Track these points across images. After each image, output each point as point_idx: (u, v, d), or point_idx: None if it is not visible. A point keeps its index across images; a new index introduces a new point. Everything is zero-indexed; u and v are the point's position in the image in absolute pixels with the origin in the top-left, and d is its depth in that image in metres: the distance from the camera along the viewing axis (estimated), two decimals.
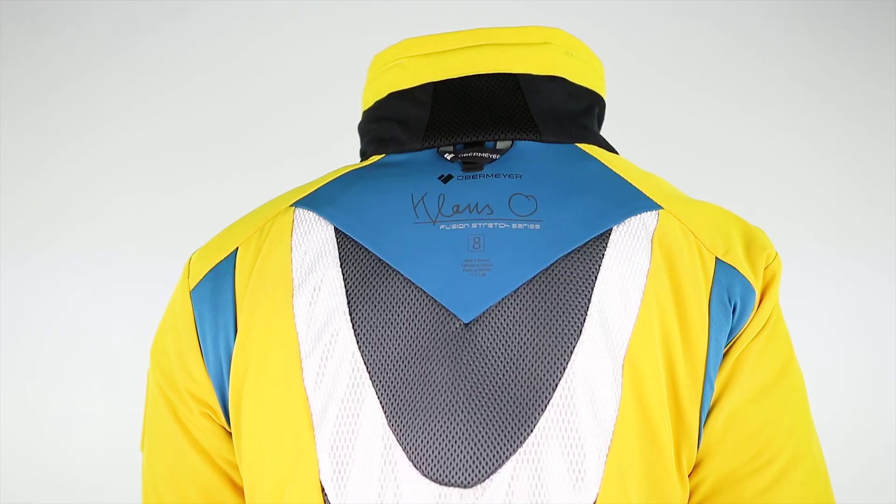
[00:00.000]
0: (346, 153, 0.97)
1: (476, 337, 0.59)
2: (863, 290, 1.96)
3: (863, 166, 1.97)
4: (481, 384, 0.58)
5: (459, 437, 0.58)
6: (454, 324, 0.60)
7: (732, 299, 0.61)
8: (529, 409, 0.58)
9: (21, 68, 1.99)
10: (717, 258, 0.62)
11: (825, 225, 1.96)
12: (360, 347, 0.60)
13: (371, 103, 0.71)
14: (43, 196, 2.00)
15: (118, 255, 1.99)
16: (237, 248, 0.66)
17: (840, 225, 1.96)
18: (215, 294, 0.65)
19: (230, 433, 0.66)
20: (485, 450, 0.57)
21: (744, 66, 1.97)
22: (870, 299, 1.95)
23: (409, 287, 0.61)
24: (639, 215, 0.63)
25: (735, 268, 0.62)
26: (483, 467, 0.57)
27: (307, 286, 0.62)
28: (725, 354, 0.62)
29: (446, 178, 0.64)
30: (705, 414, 0.60)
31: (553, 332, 0.59)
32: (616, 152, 0.70)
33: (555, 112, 0.67)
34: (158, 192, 1.99)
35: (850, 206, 1.97)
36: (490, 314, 0.59)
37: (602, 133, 0.73)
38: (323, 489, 0.59)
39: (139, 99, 2.00)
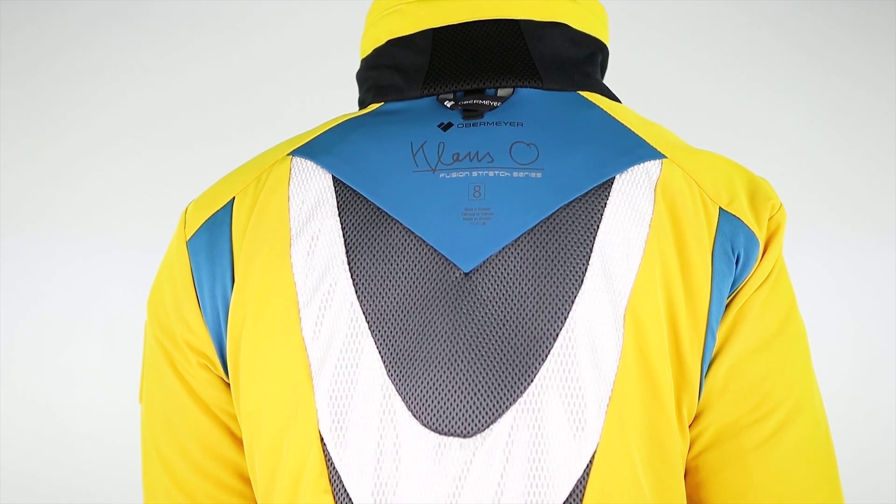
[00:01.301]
0: (345, 105, 0.95)
1: (476, 286, 0.59)
2: (866, 266, 1.96)
3: (867, 137, 1.95)
4: (481, 334, 0.58)
5: (459, 387, 0.57)
6: (454, 273, 0.59)
7: (736, 250, 0.61)
8: (530, 358, 0.57)
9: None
10: (720, 208, 0.61)
11: (828, 196, 1.95)
12: (358, 297, 0.59)
13: (369, 51, 0.70)
14: (43, 150, 1.99)
15: (114, 214, 1.98)
16: (234, 198, 0.65)
17: (844, 195, 1.95)
18: (212, 244, 0.64)
19: (228, 384, 0.65)
20: (485, 399, 0.57)
21: (749, 38, 1.95)
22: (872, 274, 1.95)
23: (409, 236, 0.60)
24: (642, 164, 0.62)
25: (739, 218, 0.61)
26: (483, 417, 0.57)
27: (305, 235, 0.61)
28: (728, 305, 0.61)
29: (446, 126, 0.63)
30: (707, 365, 0.60)
31: (554, 282, 0.58)
32: (619, 101, 0.68)
33: (557, 59, 0.66)
34: (157, 148, 1.97)
35: (855, 177, 1.96)
36: (490, 263, 0.59)
37: (605, 83, 0.72)
38: (322, 439, 0.59)
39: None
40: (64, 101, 2.00)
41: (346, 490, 0.58)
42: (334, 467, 0.58)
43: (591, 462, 0.57)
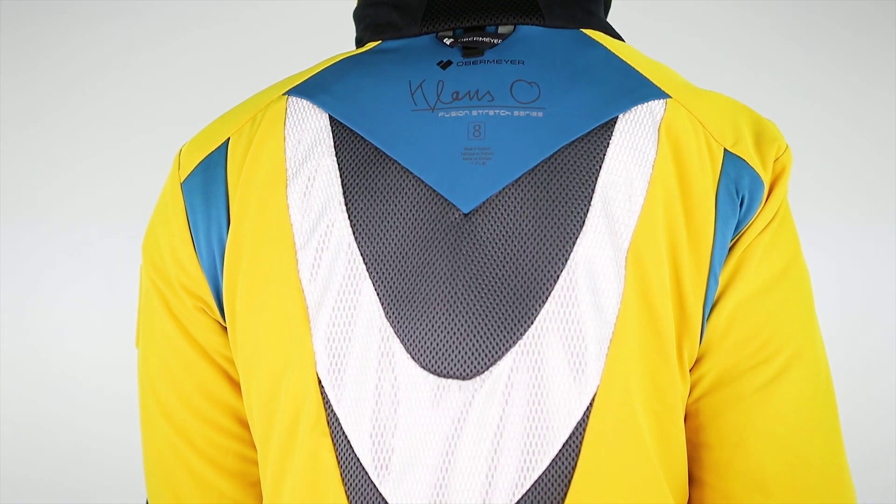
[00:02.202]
0: (342, 45, 0.93)
1: (476, 227, 0.58)
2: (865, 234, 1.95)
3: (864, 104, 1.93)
4: (481, 275, 0.57)
5: (458, 329, 0.56)
6: (453, 214, 0.58)
7: (740, 192, 0.59)
8: (530, 300, 0.56)
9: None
10: (725, 149, 0.60)
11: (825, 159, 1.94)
12: (356, 238, 0.58)
13: None
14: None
15: (109, 162, 1.97)
16: (228, 139, 0.64)
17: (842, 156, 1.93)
18: (207, 186, 0.63)
19: (225, 328, 0.64)
20: (484, 341, 0.56)
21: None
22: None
23: (407, 176, 0.59)
24: (646, 104, 0.60)
25: (744, 159, 0.60)
26: (482, 359, 0.56)
27: (301, 176, 0.60)
28: (731, 248, 0.60)
29: (445, 64, 0.61)
30: (708, 308, 0.59)
31: (555, 223, 0.57)
32: (622, 39, 0.67)
33: None
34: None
35: (852, 135, 1.94)
36: (490, 204, 0.58)
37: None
38: (320, 382, 0.58)
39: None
40: (60, 87, 1.97)
41: (344, 432, 0.58)
42: (332, 410, 0.58)
43: (590, 405, 0.56)
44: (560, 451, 0.56)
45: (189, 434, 0.67)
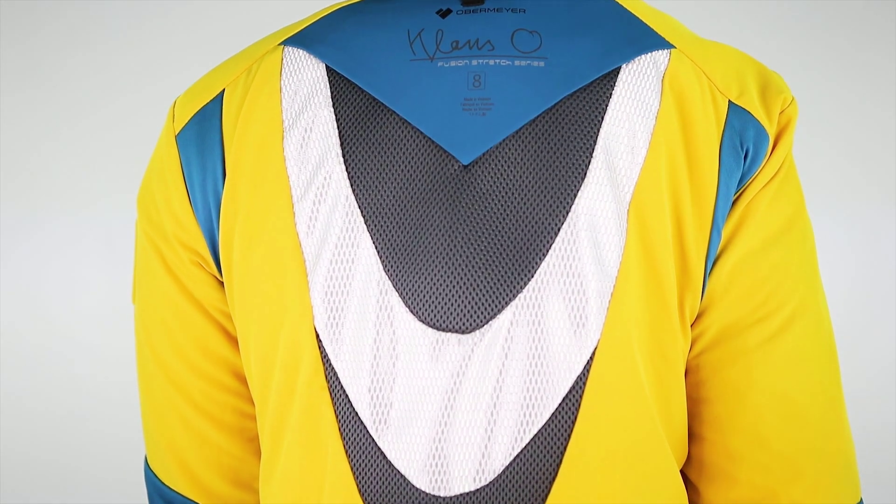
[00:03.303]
0: None
1: (475, 179, 0.57)
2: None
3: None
4: (481, 228, 0.56)
5: (457, 282, 0.56)
6: (453, 166, 0.57)
7: (745, 144, 0.58)
8: (530, 253, 0.56)
9: None
10: (730, 101, 0.59)
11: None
12: (354, 190, 0.57)
13: None
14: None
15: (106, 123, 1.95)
16: (223, 90, 0.62)
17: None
18: (202, 138, 0.62)
19: (222, 282, 0.64)
20: (484, 295, 0.56)
21: None
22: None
23: (405, 127, 0.57)
24: (649, 54, 0.59)
25: (749, 111, 0.59)
26: (482, 313, 0.56)
27: (298, 127, 0.59)
28: (735, 202, 0.59)
29: (444, 13, 0.60)
30: (711, 262, 0.58)
31: (556, 175, 0.56)
32: None
33: None
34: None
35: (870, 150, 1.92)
36: (490, 155, 0.57)
37: None
38: (317, 336, 0.57)
39: None
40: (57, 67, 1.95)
41: (342, 387, 0.57)
42: (330, 364, 0.57)
43: (591, 359, 0.56)
44: (560, 404, 0.56)
45: (187, 389, 0.67)
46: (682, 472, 0.63)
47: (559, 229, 0.56)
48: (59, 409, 1.98)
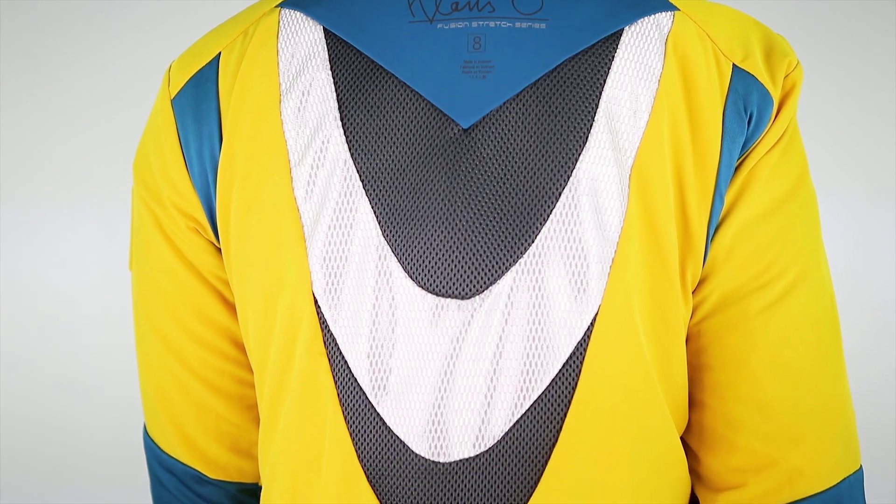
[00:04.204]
0: None
1: (475, 143, 0.56)
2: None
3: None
4: (481, 192, 0.55)
5: (457, 247, 0.55)
6: (452, 129, 0.56)
7: (748, 108, 0.58)
8: (531, 218, 0.55)
9: None
10: (734, 64, 0.58)
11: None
12: (352, 155, 0.57)
13: None
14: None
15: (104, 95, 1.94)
16: (219, 54, 0.61)
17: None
18: (198, 102, 0.61)
19: (219, 249, 0.63)
20: (484, 260, 0.55)
21: None
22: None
23: (404, 91, 0.57)
24: (653, 16, 0.58)
25: (753, 75, 0.58)
26: (482, 278, 0.55)
27: (295, 91, 0.58)
28: (738, 167, 0.58)
29: None
30: (713, 228, 0.58)
31: (557, 139, 0.55)
32: None
33: None
34: None
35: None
36: (491, 119, 0.56)
37: None
38: (316, 301, 0.57)
39: None
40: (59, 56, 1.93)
41: (341, 353, 0.57)
42: (329, 330, 0.57)
43: (591, 325, 0.56)
44: (560, 370, 0.55)
45: (185, 357, 0.66)
46: (682, 439, 0.63)
47: (560, 194, 0.55)
48: (61, 380, 1.98)
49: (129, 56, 1.93)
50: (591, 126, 0.55)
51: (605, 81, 0.56)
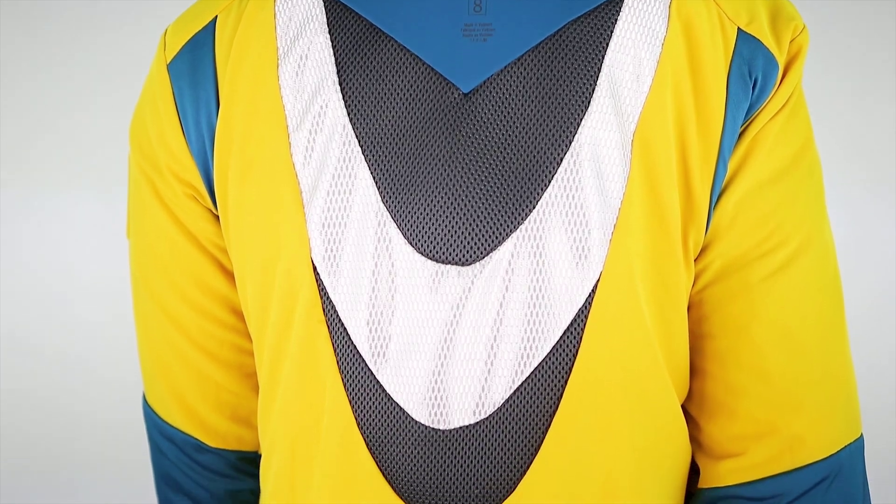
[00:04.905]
0: None
1: (476, 108, 0.55)
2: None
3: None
4: (481, 158, 0.55)
5: (457, 213, 0.55)
6: (453, 94, 0.55)
7: (753, 73, 0.57)
8: (532, 183, 0.54)
9: None
10: (739, 29, 0.57)
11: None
12: (351, 120, 0.56)
13: None
14: None
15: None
16: (216, 17, 0.61)
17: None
18: (194, 67, 0.60)
19: (217, 216, 0.63)
20: (484, 226, 0.54)
21: None
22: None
23: (404, 54, 0.56)
24: None
25: (758, 39, 0.57)
26: (482, 244, 0.55)
27: (293, 55, 0.57)
28: (742, 134, 0.58)
29: None
30: (716, 195, 0.57)
31: (559, 103, 0.54)
32: None
33: None
34: None
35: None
36: (491, 83, 0.55)
37: None
38: (315, 268, 0.56)
39: None
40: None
41: (340, 320, 0.57)
42: (328, 297, 0.57)
43: (593, 291, 0.55)
44: (561, 337, 0.55)
45: (183, 325, 0.66)
46: (682, 407, 0.62)
47: (562, 159, 0.54)
48: (61, 356, 1.98)
49: (130, 34, 1.91)
50: (593, 90, 0.55)
51: (607, 45, 0.55)
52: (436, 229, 0.55)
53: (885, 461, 1.85)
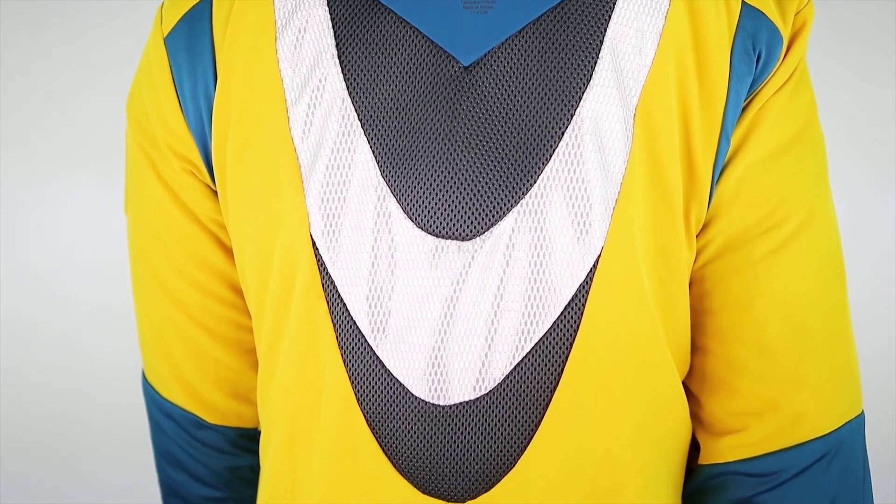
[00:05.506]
0: None
1: (477, 81, 0.54)
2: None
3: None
4: (482, 132, 0.54)
5: (457, 188, 0.54)
6: (453, 67, 0.55)
7: (757, 47, 0.56)
8: (533, 157, 0.54)
9: None
10: (743, 1, 0.56)
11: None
12: (350, 93, 0.55)
13: None
14: None
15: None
16: None
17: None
18: (191, 40, 0.59)
19: (215, 191, 0.62)
20: (485, 201, 0.54)
21: None
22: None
23: (404, 27, 0.55)
24: None
25: (763, 12, 0.56)
26: (483, 219, 0.54)
27: (291, 27, 0.57)
28: (745, 108, 0.57)
29: None
30: (719, 170, 0.57)
31: (561, 76, 0.54)
32: None
33: None
34: None
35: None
36: (492, 56, 0.54)
37: None
38: (314, 243, 0.56)
39: None
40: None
41: (339, 295, 0.56)
42: (327, 273, 0.56)
43: (594, 267, 0.55)
44: (562, 313, 0.55)
45: (182, 301, 0.66)
46: (683, 383, 0.62)
47: (563, 133, 0.54)
48: (61, 340, 1.98)
49: (131, 20, 1.89)
50: (595, 63, 0.54)
51: (609, 18, 0.54)
52: (436, 204, 0.54)
53: (885, 443, 1.86)
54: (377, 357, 0.56)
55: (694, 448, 0.65)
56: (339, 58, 0.56)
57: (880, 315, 1.93)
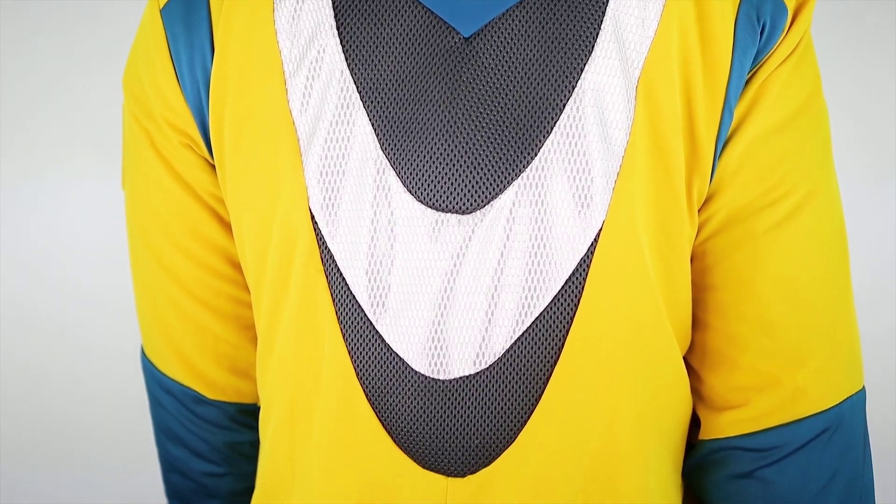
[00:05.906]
0: None
1: (477, 52, 0.54)
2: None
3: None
4: (482, 104, 0.53)
5: (458, 161, 0.54)
6: (453, 38, 0.54)
7: (761, 18, 0.55)
8: (534, 130, 0.53)
9: None
10: None
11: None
12: (349, 65, 0.55)
13: None
14: None
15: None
16: None
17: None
18: (188, 11, 0.59)
19: (213, 165, 0.61)
20: (485, 174, 0.54)
21: None
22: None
23: None
24: None
25: None
26: (483, 192, 0.54)
27: None
28: (748, 81, 0.56)
29: None
30: (721, 144, 0.56)
31: (562, 48, 0.53)
32: None
33: None
34: None
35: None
36: (493, 27, 0.54)
37: None
38: (313, 217, 0.56)
39: None
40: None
41: (339, 269, 0.56)
42: (326, 247, 0.56)
43: (595, 240, 0.54)
44: (563, 287, 0.54)
45: (180, 276, 0.65)
46: (684, 358, 0.62)
47: (564, 105, 0.53)
48: (62, 328, 1.98)
49: (129, 4, 1.88)
50: (597, 35, 0.53)
51: None
52: (435, 177, 0.54)
53: (885, 426, 1.86)
54: (377, 331, 0.56)
55: (694, 424, 0.64)
56: (338, 29, 0.55)
57: (879, 312, 1.93)
